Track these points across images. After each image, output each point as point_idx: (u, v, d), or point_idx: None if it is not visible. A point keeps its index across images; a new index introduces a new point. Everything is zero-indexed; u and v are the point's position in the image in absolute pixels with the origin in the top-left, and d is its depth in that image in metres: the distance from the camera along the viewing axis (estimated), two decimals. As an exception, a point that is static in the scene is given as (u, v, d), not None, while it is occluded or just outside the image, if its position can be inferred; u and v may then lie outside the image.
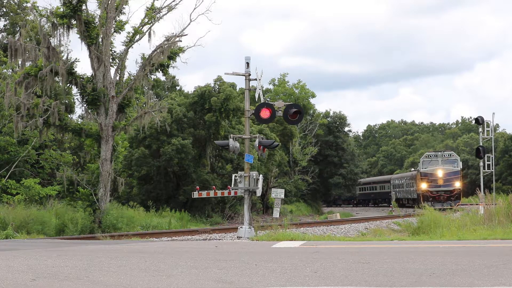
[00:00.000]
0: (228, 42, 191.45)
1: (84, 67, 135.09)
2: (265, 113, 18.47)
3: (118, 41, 38.81)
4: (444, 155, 52.07)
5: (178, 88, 66.26)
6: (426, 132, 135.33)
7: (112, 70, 29.45)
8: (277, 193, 19.57)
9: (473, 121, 47.19)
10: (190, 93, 47.90)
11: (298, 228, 23.26)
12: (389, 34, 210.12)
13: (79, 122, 34.37)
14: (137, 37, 29.94)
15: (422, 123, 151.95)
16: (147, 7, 30.02)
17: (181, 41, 30.21)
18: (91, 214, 27.84)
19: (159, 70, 30.72)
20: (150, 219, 30.96)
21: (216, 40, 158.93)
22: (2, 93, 30.00)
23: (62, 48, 29.14)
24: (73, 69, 28.89)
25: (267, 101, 24.03)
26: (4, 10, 44.23)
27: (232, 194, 19.55)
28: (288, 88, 70.38)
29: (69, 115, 33.78)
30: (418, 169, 53.69)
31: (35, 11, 29.96)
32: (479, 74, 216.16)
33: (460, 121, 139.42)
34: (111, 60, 29.35)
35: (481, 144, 29.95)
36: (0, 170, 31.09)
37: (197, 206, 38.68)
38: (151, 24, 30.06)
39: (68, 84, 30.19)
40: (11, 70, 35.16)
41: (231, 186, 19.03)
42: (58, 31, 28.57)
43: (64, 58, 28.97)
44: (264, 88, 59.26)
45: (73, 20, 28.42)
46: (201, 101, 40.93)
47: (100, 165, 28.34)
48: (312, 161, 66.97)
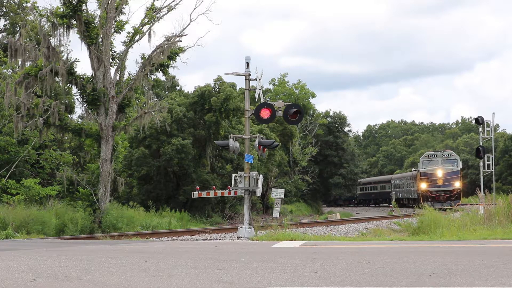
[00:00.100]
0: (228, 42, 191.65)
1: (84, 67, 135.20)
2: (265, 113, 18.47)
3: (118, 41, 38.86)
4: (444, 155, 52.01)
5: (178, 88, 66.26)
6: (426, 132, 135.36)
7: (112, 70, 29.47)
8: (277, 193, 19.57)
9: (473, 121, 47.16)
10: (190, 93, 47.92)
11: (298, 228, 23.26)
12: (389, 34, 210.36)
13: (79, 122, 34.37)
14: (137, 37, 29.95)
15: (422, 123, 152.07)
16: (147, 7, 30.04)
17: (181, 41, 30.23)
18: (91, 214, 27.85)
19: (159, 70, 30.73)
20: (150, 219, 30.96)
21: (216, 40, 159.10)
22: (2, 93, 30.00)
23: (62, 48, 29.17)
24: (73, 69, 28.90)
25: (267, 101, 24.04)
26: (4, 10, 44.24)
27: (232, 194, 19.55)
28: (288, 88, 70.38)
29: (69, 115, 33.78)
30: (418, 169, 53.65)
31: (35, 11, 29.97)
32: (479, 74, 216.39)
33: (460, 121, 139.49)
34: (111, 60, 29.35)
35: (481, 144, 29.94)
36: (0, 170, 31.09)
37: (197, 206, 38.68)
38: (151, 24, 30.08)
39: (68, 84, 30.20)
40: (11, 70, 35.17)
41: (231, 186, 19.03)
42: (58, 31, 28.58)
43: (64, 58, 28.97)
44: (264, 88, 59.29)
45: (73, 20, 28.42)
46: (201, 101, 40.93)
47: (100, 165, 28.35)
48: (312, 161, 66.96)
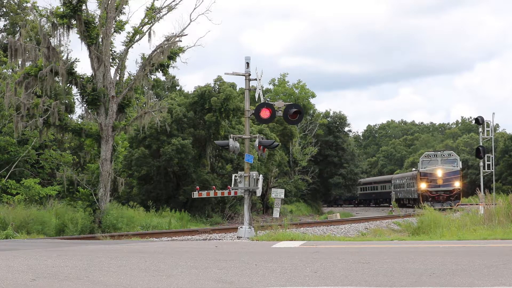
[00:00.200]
0: (228, 42, 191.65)
1: (84, 67, 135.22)
2: (265, 113, 18.47)
3: (118, 41, 38.87)
4: (443, 155, 51.91)
5: (178, 88, 66.27)
6: (426, 132, 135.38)
7: (112, 70, 29.47)
8: (277, 193, 19.57)
9: (473, 121, 47.14)
10: (190, 93, 47.92)
11: (298, 228, 23.26)
12: (389, 34, 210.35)
13: (79, 122, 34.37)
14: (137, 37, 29.95)
15: (422, 123, 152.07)
16: (147, 7, 30.04)
17: (181, 41, 30.24)
18: (91, 214, 27.85)
19: (159, 70, 30.73)
20: (150, 219, 30.95)
21: (216, 40, 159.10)
22: (2, 93, 30.00)
23: (62, 48, 29.17)
24: (73, 69, 28.90)
25: (267, 101, 24.03)
26: (4, 10, 44.24)
27: (232, 194, 19.54)
28: (288, 88, 70.37)
29: (69, 115, 33.78)
30: (418, 169, 53.58)
31: (35, 11, 29.97)
32: (479, 74, 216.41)
33: (460, 121, 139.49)
34: (111, 60, 29.36)
35: (481, 144, 29.94)
36: (0, 170, 31.08)
37: (197, 206, 38.68)
38: (151, 24, 30.08)
39: (68, 84, 30.20)
40: (11, 70, 35.16)
41: (231, 186, 19.03)
42: (58, 31, 28.58)
43: (64, 58, 28.97)
44: (264, 88, 59.28)
45: (73, 20, 28.43)
46: (201, 101, 40.93)
47: (100, 165, 28.35)
48: (312, 161, 66.95)
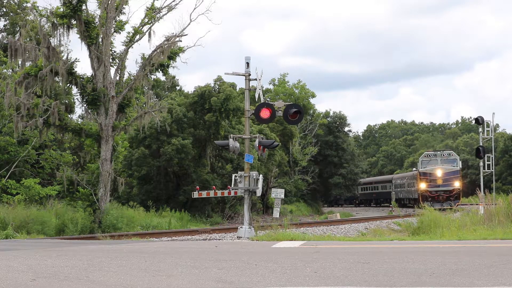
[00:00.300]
0: (228, 42, 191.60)
1: (84, 67, 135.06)
2: (265, 113, 18.46)
3: (118, 41, 38.85)
4: (443, 155, 51.74)
5: (178, 88, 66.27)
6: (426, 132, 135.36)
7: (112, 70, 29.49)
8: (277, 193, 19.57)
9: (473, 121, 47.12)
10: (190, 93, 47.89)
11: (298, 228, 23.26)
12: (389, 34, 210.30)
13: (79, 122, 34.39)
14: (137, 37, 29.97)
15: (422, 123, 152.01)
16: (147, 7, 30.07)
17: (181, 41, 30.26)
18: (91, 214, 27.86)
19: (159, 70, 30.75)
20: (150, 219, 30.95)
21: (216, 40, 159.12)
22: (2, 93, 30.01)
23: (62, 48, 29.19)
24: (73, 69, 28.91)
25: (267, 101, 24.00)
26: (4, 10, 44.25)
27: (232, 194, 19.53)
28: (288, 88, 70.34)
29: (69, 115, 33.79)
30: (417, 168, 53.48)
31: (35, 11, 29.98)
32: (479, 74, 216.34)
33: (460, 121, 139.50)
34: (111, 60, 29.37)
35: (481, 144, 29.95)
36: (0, 170, 31.09)
37: (197, 206, 38.67)
38: (151, 24, 30.10)
39: (68, 84, 30.22)
40: (11, 70, 35.17)
41: (231, 186, 19.02)
42: (58, 31, 28.60)
43: (64, 58, 28.99)
44: (264, 88, 59.29)
45: (73, 20, 28.44)
46: (201, 101, 40.93)
47: (100, 165, 28.36)
48: (312, 161, 66.93)
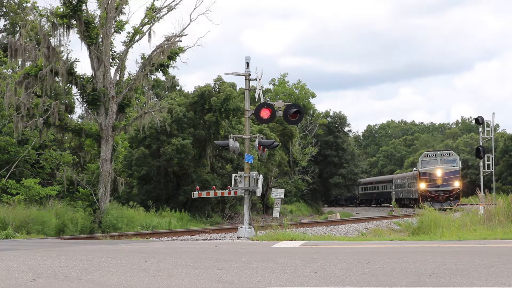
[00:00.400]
0: (228, 42, 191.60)
1: (84, 67, 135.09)
2: (265, 113, 18.45)
3: (118, 41, 38.86)
4: (443, 154, 51.63)
5: (178, 88, 66.27)
6: (426, 132, 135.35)
7: (112, 70, 29.50)
8: (277, 193, 19.56)
9: (473, 121, 47.07)
10: (190, 93, 47.91)
11: (298, 228, 23.25)
12: (389, 34, 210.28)
13: (79, 122, 34.39)
14: (137, 37, 29.97)
15: (422, 123, 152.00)
16: (147, 7, 30.08)
17: (181, 41, 30.27)
18: (91, 214, 27.86)
19: (159, 70, 30.75)
20: (150, 219, 30.95)
21: (216, 40, 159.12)
22: (2, 93, 30.01)
23: (62, 48, 29.20)
24: (73, 69, 28.92)
25: (267, 101, 23.99)
26: (4, 10, 44.25)
27: (232, 194, 19.53)
28: (288, 88, 70.33)
29: (69, 115, 33.80)
30: (417, 168, 53.40)
31: (35, 11, 29.98)
32: (479, 74, 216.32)
33: (460, 121, 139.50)
34: (111, 60, 29.37)
35: (481, 144, 29.95)
36: (0, 170, 31.09)
37: (197, 206, 38.67)
38: (151, 24, 30.11)
39: (68, 84, 30.22)
40: (11, 70, 35.17)
41: (231, 186, 19.02)
42: (58, 31, 28.61)
43: (64, 58, 28.99)
44: (264, 88, 59.28)
45: (73, 20, 28.45)
46: (201, 101, 40.93)
47: (100, 165, 28.36)
48: (312, 161, 66.93)
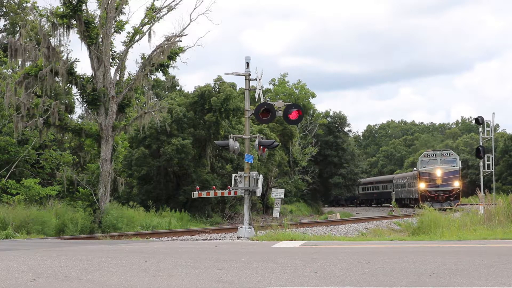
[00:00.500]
0: (228, 42, 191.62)
1: (84, 67, 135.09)
2: (264, 114, 18.45)
3: (118, 41, 38.86)
4: (443, 154, 51.50)
5: (178, 88, 66.29)
6: (426, 132, 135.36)
7: (112, 70, 29.50)
8: (277, 193, 19.56)
9: (473, 121, 47.05)
10: (190, 93, 47.93)
11: (298, 228, 23.25)
12: (389, 34, 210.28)
13: (79, 122, 34.39)
14: (137, 37, 29.98)
15: (422, 123, 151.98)
16: (147, 7, 30.08)
17: (181, 41, 30.28)
18: (91, 214, 27.85)
19: (159, 70, 30.75)
20: (150, 219, 30.96)
21: (216, 40, 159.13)
22: (2, 93, 30.01)
23: (62, 48, 29.21)
24: (73, 69, 28.92)
25: (267, 101, 23.98)
26: (4, 10, 44.25)
27: (232, 194, 19.53)
28: (288, 88, 70.34)
29: (69, 115, 33.81)
30: (417, 168, 53.33)
31: (35, 11, 29.99)
32: (479, 74, 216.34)
33: (460, 121, 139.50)
34: (111, 60, 29.38)
35: (481, 144, 29.95)
36: (0, 170, 31.09)
37: (197, 206, 38.68)
38: (151, 24, 30.11)
39: (68, 84, 30.22)
40: (11, 70, 35.18)
41: (231, 186, 19.02)
42: (58, 31, 28.61)
43: (64, 58, 28.99)
44: (264, 88, 59.24)
45: (73, 20, 28.45)
46: (201, 101, 40.94)
47: (100, 165, 28.36)
48: (312, 161, 66.93)
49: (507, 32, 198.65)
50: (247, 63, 18.84)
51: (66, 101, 35.00)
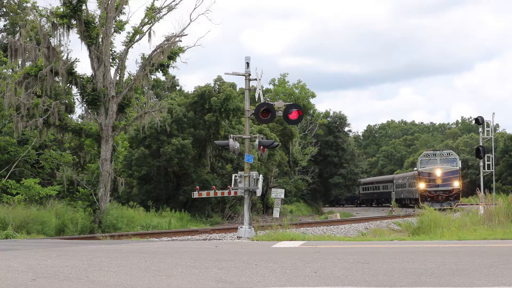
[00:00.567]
0: (228, 42, 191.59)
1: (84, 67, 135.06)
2: (264, 114, 18.45)
3: (118, 41, 38.87)
4: (442, 154, 51.44)
5: (178, 88, 66.30)
6: (426, 132, 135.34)
7: (112, 70, 29.50)
8: (277, 193, 19.56)
9: (473, 121, 47.03)
10: (190, 93, 47.94)
11: (298, 228, 23.25)
12: (389, 34, 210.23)
13: (79, 122, 34.39)
14: (137, 37, 29.98)
15: (422, 123, 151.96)
16: (147, 7, 30.09)
17: (181, 41, 30.28)
18: (91, 214, 27.85)
19: (159, 70, 30.76)
20: (150, 219, 30.96)
21: (216, 40, 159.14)
22: (2, 93, 30.02)
23: (62, 48, 29.21)
24: (73, 69, 28.92)
25: (267, 101, 23.99)
26: (4, 10, 44.25)
27: (232, 194, 19.53)
28: (288, 88, 70.35)
29: (69, 115, 33.81)
30: (417, 168, 53.27)
31: (35, 11, 29.99)
32: (479, 74, 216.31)
33: (460, 121, 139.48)
34: (111, 60, 29.38)
35: (481, 144, 29.95)
36: (0, 170, 31.09)
37: (197, 206, 38.68)
38: (151, 24, 30.12)
39: (68, 84, 30.22)
40: (11, 70, 35.18)
41: (231, 186, 19.02)
42: (58, 31, 28.62)
43: (64, 58, 29.00)
44: (264, 88, 59.24)
45: (73, 20, 28.46)
46: (201, 101, 40.94)
47: (100, 165, 28.36)
48: (312, 161, 66.95)
49: (507, 32, 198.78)
50: (247, 63, 18.84)
51: (66, 101, 35.01)
